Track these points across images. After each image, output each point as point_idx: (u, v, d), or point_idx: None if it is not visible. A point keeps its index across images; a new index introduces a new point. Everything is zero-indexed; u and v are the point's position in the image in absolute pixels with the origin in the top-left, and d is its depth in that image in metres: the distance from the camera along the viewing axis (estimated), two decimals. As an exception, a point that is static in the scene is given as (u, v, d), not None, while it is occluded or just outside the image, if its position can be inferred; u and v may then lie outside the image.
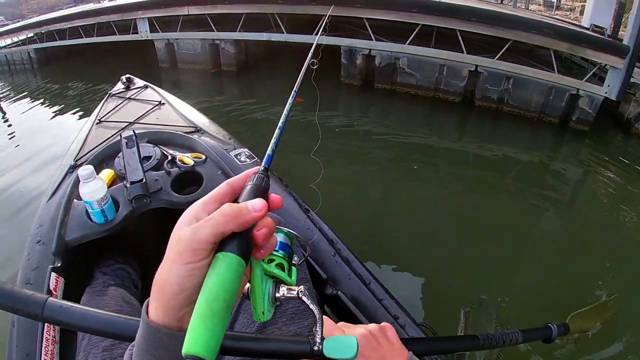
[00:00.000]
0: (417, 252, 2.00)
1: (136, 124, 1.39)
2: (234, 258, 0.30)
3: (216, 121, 1.55)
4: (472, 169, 3.01)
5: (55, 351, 0.76)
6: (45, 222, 0.97)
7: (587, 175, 3.06)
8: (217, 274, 0.29)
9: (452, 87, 3.95)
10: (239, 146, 1.30)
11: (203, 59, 5.12)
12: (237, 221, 0.31)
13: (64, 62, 6.33)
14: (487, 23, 3.73)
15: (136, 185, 1.00)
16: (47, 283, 0.82)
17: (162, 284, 0.32)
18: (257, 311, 0.37)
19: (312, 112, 3.75)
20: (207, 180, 1.12)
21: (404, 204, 2.49)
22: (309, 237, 0.98)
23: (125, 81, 1.78)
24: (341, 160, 3.01)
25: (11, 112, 4.39)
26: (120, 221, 0.97)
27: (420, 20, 3.86)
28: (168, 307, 0.31)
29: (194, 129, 1.37)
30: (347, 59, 4.31)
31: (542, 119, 3.76)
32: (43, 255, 0.90)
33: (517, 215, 2.43)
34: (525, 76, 3.70)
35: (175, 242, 0.32)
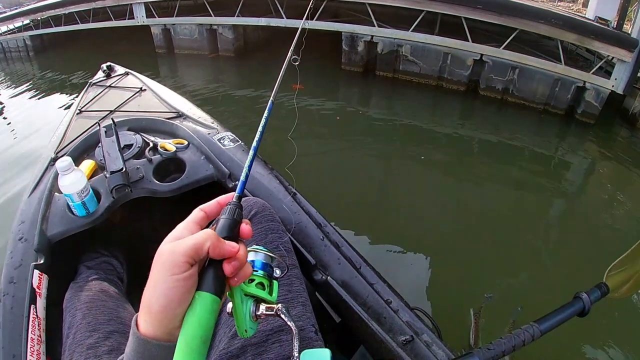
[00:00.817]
0: (412, 237, 1.96)
1: (117, 112, 1.35)
2: (209, 297, 0.34)
3: (213, 107, 1.47)
4: (473, 157, 2.96)
5: (42, 351, 0.74)
6: (27, 218, 0.94)
7: (591, 168, 3.01)
8: (194, 314, 0.33)
9: (456, 76, 3.85)
10: (223, 130, 1.26)
11: (200, 45, 5.00)
12: (214, 244, 0.35)
13: (60, 49, 6.20)
14: (494, 11, 3.62)
15: (116, 175, 0.97)
16: (30, 281, 0.81)
17: (149, 298, 0.34)
18: (240, 329, 0.39)
19: (316, 97, 3.68)
20: (189, 166, 1.08)
21: (403, 190, 2.45)
22: (295, 220, 0.95)
23: (106, 69, 1.72)
24: (341, 148, 2.95)
25: (5, 101, 4.26)
26: (103, 213, 0.94)
27: (426, 7, 3.75)
28: (157, 319, 0.33)
29: (175, 114, 1.33)
30: (349, 45, 4.20)
31: (548, 110, 3.68)
32: (25, 252, 0.87)
33: (516, 204, 2.40)
34: (531, 67, 3.61)
35: (158, 257, 0.34)
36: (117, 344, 0.70)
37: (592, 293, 0.81)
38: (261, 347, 0.63)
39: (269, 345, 0.63)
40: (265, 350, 0.63)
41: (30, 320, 0.75)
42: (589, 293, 0.81)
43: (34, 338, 0.74)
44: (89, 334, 0.71)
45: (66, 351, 0.71)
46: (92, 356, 0.67)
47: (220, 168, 1.09)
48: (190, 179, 1.06)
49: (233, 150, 1.14)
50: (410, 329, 0.75)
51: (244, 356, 0.62)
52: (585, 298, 0.79)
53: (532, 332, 0.68)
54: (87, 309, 0.76)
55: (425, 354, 0.71)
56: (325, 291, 0.87)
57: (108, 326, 0.73)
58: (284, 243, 0.76)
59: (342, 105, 3.76)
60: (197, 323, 0.33)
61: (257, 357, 0.62)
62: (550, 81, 3.58)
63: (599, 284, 0.86)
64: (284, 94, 2.92)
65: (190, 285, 0.33)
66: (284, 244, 0.76)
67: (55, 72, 5.01)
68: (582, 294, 0.80)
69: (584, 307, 0.78)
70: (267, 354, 0.62)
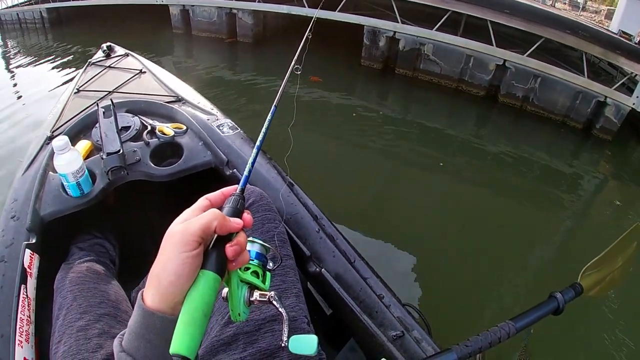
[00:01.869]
0: (409, 236, 1.99)
1: (115, 93, 1.33)
2: (211, 275, 0.37)
3: (225, 93, 1.46)
4: (484, 163, 2.94)
5: (31, 331, 0.73)
6: (20, 196, 0.92)
7: (603, 185, 2.99)
8: (197, 290, 0.36)
9: (476, 79, 3.80)
10: (222, 117, 1.25)
11: (219, 28, 4.92)
12: (221, 222, 0.38)
13: (76, 23, 6.13)
14: (522, 17, 3.57)
15: (113, 157, 0.95)
16: (21, 260, 0.79)
17: (159, 273, 0.37)
18: (234, 312, 0.42)
19: (332, 91, 3.64)
20: (187, 152, 1.07)
21: (406, 190, 2.46)
22: (292, 211, 0.95)
23: (106, 49, 1.69)
24: (350, 143, 2.95)
25: (19, 73, 4.22)
26: (97, 194, 0.93)
27: (452, 7, 3.69)
28: (164, 293, 0.36)
29: (175, 98, 1.31)
30: (370, 39, 4.13)
31: (566, 122, 3.64)
32: (17, 231, 0.85)
33: (523, 213, 2.40)
34: (553, 77, 3.56)
35: (170, 237, 0.38)
36: (107, 327, 0.69)
37: (566, 293, 0.84)
38: (253, 336, 0.64)
39: (261, 334, 0.64)
40: (257, 339, 0.64)
41: (20, 300, 0.74)
42: (564, 293, 0.83)
43: (24, 318, 0.72)
44: (79, 315, 0.70)
45: (56, 332, 0.70)
46: (83, 338, 0.66)
47: (218, 155, 1.08)
48: (188, 164, 1.05)
49: (232, 137, 1.13)
50: (401, 324, 0.76)
51: (235, 344, 0.63)
52: (559, 297, 0.82)
53: (507, 330, 0.71)
54: (79, 291, 0.76)
55: (414, 349, 0.72)
56: (318, 283, 0.88)
57: (99, 309, 0.73)
58: (279, 233, 0.76)
59: (359, 100, 3.72)
60: (200, 298, 0.36)
61: (248, 345, 0.63)
62: (572, 93, 3.53)
63: (573, 284, 0.88)
64: (300, 86, 2.85)
65: (197, 263, 0.37)
66: (279, 234, 0.76)
67: (70, 46, 4.95)
68: (556, 293, 0.83)
69: (559, 306, 0.81)
70: (259, 342, 0.63)
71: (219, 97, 3.38)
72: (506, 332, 0.70)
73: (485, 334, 0.69)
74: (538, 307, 0.79)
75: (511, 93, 3.72)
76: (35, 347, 0.73)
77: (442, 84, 3.95)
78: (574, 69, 3.59)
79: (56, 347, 0.67)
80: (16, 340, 0.68)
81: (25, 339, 0.70)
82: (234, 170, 1.05)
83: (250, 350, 0.62)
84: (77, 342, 0.65)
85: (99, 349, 0.64)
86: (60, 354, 0.65)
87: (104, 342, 0.66)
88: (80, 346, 0.65)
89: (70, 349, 0.65)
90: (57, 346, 0.67)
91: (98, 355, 0.63)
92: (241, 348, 0.63)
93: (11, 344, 0.68)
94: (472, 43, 3.69)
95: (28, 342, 0.71)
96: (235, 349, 0.63)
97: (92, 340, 0.66)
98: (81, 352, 0.64)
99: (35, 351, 0.72)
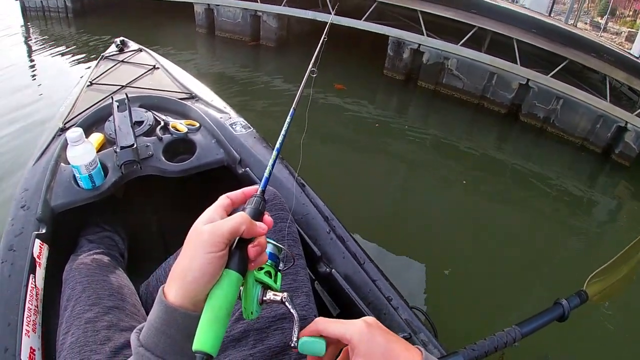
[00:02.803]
0: (419, 242, 2.06)
1: (128, 88, 1.33)
2: (234, 275, 0.39)
3: (244, 94, 1.48)
4: (499, 181, 2.97)
5: (38, 321, 0.73)
6: (31, 186, 0.92)
7: (619, 211, 3.00)
8: (221, 289, 0.38)
9: (499, 97, 3.81)
10: (236, 115, 1.25)
11: (242, 30, 4.94)
12: (248, 227, 0.40)
13: (99, 15, 6.14)
14: (548, 37, 3.57)
15: (126, 151, 0.95)
16: (30, 250, 0.79)
17: (184, 270, 0.38)
18: (247, 311, 0.43)
19: (354, 99, 3.67)
20: (200, 149, 1.08)
21: (420, 200, 2.52)
22: (303, 211, 0.96)
23: (119, 43, 1.70)
24: (367, 151, 3.01)
25: (38, 62, 4.25)
26: (109, 187, 0.93)
27: (479, 23, 3.70)
28: (188, 290, 0.37)
29: (188, 95, 1.32)
30: (394, 50, 4.15)
31: (585, 146, 3.64)
32: (27, 220, 0.86)
33: (534, 228, 2.44)
34: (575, 99, 3.56)
35: (196, 236, 0.38)
36: (116, 320, 0.69)
37: (572, 300, 0.86)
38: (263, 333, 0.65)
39: (271, 331, 0.65)
40: (267, 336, 0.64)
41: (29, 289, 0.74)
42: (569, 300, 0.85)
43: (31, 308, 0.72)
44: (88, 307, 0.70)
45: (63, 323, 0.69)
46: (91, 330, 0.66)
47: (231, 153, 1.08)
48: (200, 161, 1.06)
49: (245, 136, 1.14)
50: (408, 326, 0.77)
51: (245, 340, 0.64)
52: (565, 304, 0.83)
53: (513, 335, 0.72)
54: (88, 283, 0.76)
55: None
56: (327, 283, 0.89)
57: (108, 301, 0.73)
58: (291, 233, 0.77)
59: (379, 110, 3.75)
60: (224, 297, 0.37)
61: (258, 342, 0.64)
62: (593, 117, 3.53)
63: (578, 291, 0.90)
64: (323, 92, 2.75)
65: (223, 262, 0.38)
66: (291, 233, 0.77)
67: (91, 37, 4.99)
68: (562, 300, 0.85)
69: (564, 313, 0.83)
70: (269, 339, 0.64)
71: (238, 97, 3.43)
72: (512, 337, 0.72)
73: (491, 338, 0.71)
74: (543, 313, 0.81)
75: (532, 113, 3.72)
76: (42, 337, 0.73)
77: (464, 99, 3.96)
78: (595, 91, 3.59)
79: (63, 338, 0.67)
80: (23, 329, 0.68)
81: (32, 329, 0.70)
82: (246, 169, 1.06)
83: (260, 347, 0.63)
84: (85, 334, 0.65)
85: (107, 342, 0.64)
86: (68, 345, 0.65)
87: (112, 334, 0.66)
88: (88, 338, 0.65)
89: (78, 340, 0.65)
90: (65, 337, 0.67)
91: (106, 348, 0.63)
92: (251, 344, 0.64)
93: (18, 333, 0.68)
94: (497, 60, 3.70)
95: (35, 332, 0.71)
96: (245, 345, 0.64)
97: (100, 333, 0.66)
98: (89, 344, 0.64)
99: (42, 341, 0.72)
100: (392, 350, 0.40)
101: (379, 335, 0.40)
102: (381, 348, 0.40)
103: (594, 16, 10.25)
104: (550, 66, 3.66)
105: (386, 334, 0.41)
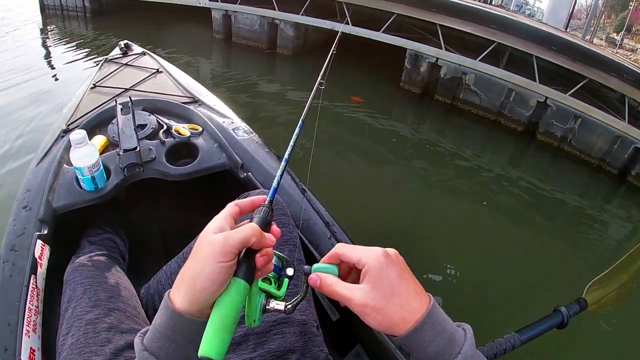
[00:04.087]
0: (422, 250, 2.10)
1: (132, 91, 1.34)
2: (242, 283, 0.39)
3: (257, 101, 1.50)
4: (512, 199, 2.95)
5: (38, 322, 0.73)
6: (33, 187, 0.93)
7: (633, 234, 2.94)
8: (229, 297, 0.38)
9: (516, 114, 3.78)
10: (239, 120, 1.27)
11: (259, 37, 4.97)
12: (259, 239, 0.40)
13: (117, 16, 6.22)
14: (568, 55, 3.54)
15: (129, 153, 0.96)
16: (32, 251, 0.80)
17: (193, 277, 0.38)
18: (249, 318, 0.44)
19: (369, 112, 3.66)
20: (202, 153, 1.08)
21: (437, 216, 2.52)
22: (304, 216, 0.96)
23: (123, 46, 1.71)
24: (379, 163, 3.03)
25: (55, 56, 4.31)
26: (111, 190, 0.94)
27: (498, 39, 3.68)
28: (195, 297, 0.38)
29: (191, 99, 1.33)
30: (411, 63, 4.14)
31: (601, 167, 3.59)
32: (29, 221, 0.86)
33: (543, 242, 2.44)
34: (594, 119, 3.52)
35: (207, 245, 0.39)
36: (116, 322, 0.69)
37: (571, 307, 0.86)
38: (263, 337, 0.65)
39: (271, 335, 0.65)
40: (267, 340, 0.65)
41: (30, 290, 0.74)
42: (568, 307, 0.86)
43: (32, 308, 0.72)
44: (89, 309, 0.70)
45: (64, 324, 0.69)
46: (91, 332, 0.66)
47: (233, 157, 1.09)
48: (202, 165, 1.06)
49: (247, 141, 1.15)
50: None
51: (245, 344, 0.65)
52: (564, 311, 0.84)
53: (512, 342, 0.72)
54: (89, 284, 0.76)
55: None
56: None
57: (109, 303, 0.73)
58: (293, 238, 0.77)
59: (394, 122, 3.74)
60: (231, 305, 0.38)
61: (258, 346, 0.64)
62: (611, 137, 3.49)
63: (578, 299, 0.90)
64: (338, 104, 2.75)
65: (231, 272, 0.39)
66: (293, 238, 0.77)
67: (108, 38, 5.03)
68: (561, 307, 0.85)
69: (563, 320, 0.83)
70: (269, 343, 0.64)
71: (251, 104, 3.46)
72: (511, 343, 0.72)
73: (491, 344, 0.70)
74: (543, 320, 0.82)
75: (550, 132, 3.69)
76: (42, 337, 0.73)
77: (481, 115, 3.94)
78: (612, 110, 3.55)
79: (64, 339, 0.67)
80: (24, 329, 0.68)
81: (32, 329, 0.70)
82: (248, 174, 1.07)
83: (260, 351, 0.63)
84: (86, 335, 0.65)
85: (108, 344, 0.64)
86: (68, 346, 0.65)
87: (113, 336, 0.66)
88: (89, 339, 0.65)
89: (78, 342, 0.64)
90: (65, 338, 0.67)
91: (106, 350, 0.63)
92: (251, 348, 0.64)
93: (18, 333, 0.68)
94: (515, 77, 3.67)
95: (35, 332, 0.71)
96: (245, 349, 0.64)
97: (100, 334, 0.65)
98: (89, 345, 0.64)
99: (42, 342, 0.72)
100: (401, 288, 0.39)
101: (393, 270, 0.40)
102: (391, 282, 0.39)
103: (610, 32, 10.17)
104: (567, 83, 3.62)
105: (401, 271, 0.41)
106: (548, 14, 7.12)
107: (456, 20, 3.80)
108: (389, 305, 0.38)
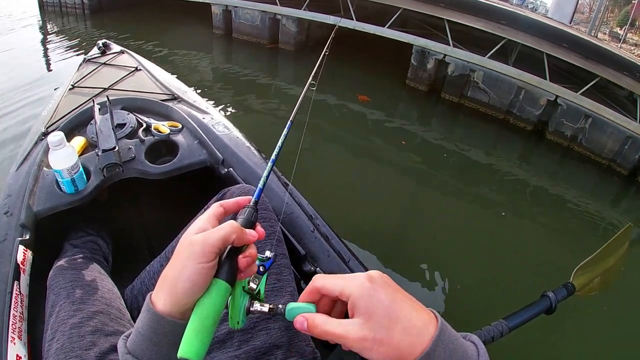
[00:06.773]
0: (418, 249, 2.06)
1: (110, 90, 1.34)
2: (223, 284, 0.39)
3: (258, 97, 1.46)
4: (517, 199, 2.90)
5: (23, 328, 0.73)
6: (14, 192, 0.93)
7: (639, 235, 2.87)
8: (210, 298, 0.38)
9: (525, 113, 3.69)
10: (219, 115, 1.27)
11: (260, 33, 4.85)
12: (239, 235, 0.40)
13: (116, 13, 6.10)
14: (579, 53, 3.45)
15: (108, 154, 0.96)
16: (14, 256, 0.79)
17: (174, 279, 0.38)
18: (233, 320, 0.43)
19: (374, 110, 3.57)
20: (182, 150, 1.08)
21: (442, 215, 2.48)
22: (287, 210, 0.97)
23: (102, 46, 1.70)
24: (383, 161, 2.98)
25: (55, 56, 4.20)
26: (91, 191, 0.93)
27: (508, 35, 3.58)
28: (177, 299, 0.38)
29: (170, 97, 1.33)
30: (418, 60, 4.04)
31: (611, 167, 3.52)
32: (11, 227, 0.85)
33: (551, 253, 2.38)
34: (604, 118, 3.45)
35: (187, 246, 0.39)
36: (101, 325, 0.69)
37: (558, 292, 0.85)
38: (248, 334, 0.65)
39: (256, 332, 0.65)
40: (252, 337, 0.64)
41: (14, 296, 0.73)
42: (556, 292, 0.85)
43: (16, 315, 0.72)
44: (72, 313, 0.70)
45: (49, 330, 0.69)
46: (76, 336, 0.66)
47: (214, 153, 1.08)
48: (183, 163, 1.05)
49: (227, 137, 1.15)
50: None
51: (230, 342, 0.64)
52: (552, 296, 0.83)
53: (500, 329, 0.71)
54: (72, 288, 0.75)
55: None
56: None
57: (92, 306, 0.72)
58: (275, 232, 0.77)
59: (400, 120, 3.66)
60: (212, 306, 0.38)
61: (243, 343, 0.64)
62: (622, 137, 3.42)
63: (565, 284, 0.89)
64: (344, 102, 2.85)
65: (212, 273, 0.38)
66: (275, 233, 0.77)
67: (106, 35, 4.91)
68: (549, 292, 0.84)
69: (551, 305, 0.82)
70: (254, 340, 0.64)
71: (252, 100, 3.39)
72: (499, 331, 0.71)
73: (479, 332, 0.69)
74: (531, 306, 0.81)
75: (559, 131, 3.61)
76: (28, 344, 0.72)
77: (489, 114, 3.85)
78: (622, 108, 3.47)
79: (49, 345, 0.67)
80: (9, 337, 0.68)
81: (18, 336, 0.70)
82: (229, 169, 1.06)
83: (245, 348, 0.63)
84: (70, 340, 0.65)
85: (92, 347, 0.64)
86: (53, 352, 0.65)
87: (97, 339, 0.66)
88: (74, 344, 0.65)
89: (64, 347, 0.64)
90: (50, 343, 0.67)
91: (91, 353, 0.63)
92: (236, 346, 0.64)
93: (3, 341, 0.67)
94: (525, 75, 3.58)
95: (21, 339, 0.70)
96: (230, 347, 0.64)
97: (85, 338, 0.65)
98: (74, 350, 0.64)
99: (28, 348, 0.72)
100: (397, 311, 0.35)
101: (382, 293, 0.36)
102: (384, 307, 0.35)
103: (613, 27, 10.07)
104: (577, 81, 3.54)
105: (392, 292, 0.37)
106: (553, 9, 7.00)
107: (465, 15, 3.70)
108: (391, 334, 0.34)
